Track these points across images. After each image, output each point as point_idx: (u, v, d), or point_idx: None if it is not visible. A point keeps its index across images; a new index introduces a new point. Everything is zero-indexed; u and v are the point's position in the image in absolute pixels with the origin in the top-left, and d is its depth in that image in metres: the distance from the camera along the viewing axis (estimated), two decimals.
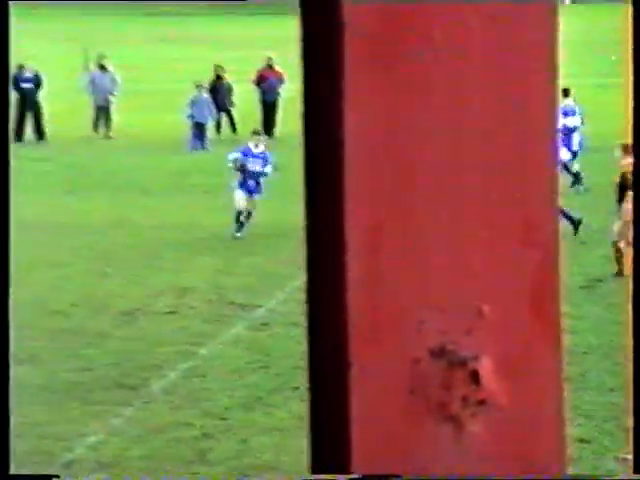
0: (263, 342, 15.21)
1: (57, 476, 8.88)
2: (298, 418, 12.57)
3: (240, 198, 20.50)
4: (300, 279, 13.18)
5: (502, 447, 1.35)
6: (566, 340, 1.31)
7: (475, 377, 1.37)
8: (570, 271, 17.82)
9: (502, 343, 1.37)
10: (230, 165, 20.63)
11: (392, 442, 1.36)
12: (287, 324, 15.31)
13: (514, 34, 1.34)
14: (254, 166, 20.60)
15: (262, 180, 20.75)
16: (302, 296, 1.44)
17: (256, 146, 21.05)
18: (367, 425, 1.36)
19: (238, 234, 20.15)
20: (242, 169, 20.54)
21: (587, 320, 16.74)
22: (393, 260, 1.34)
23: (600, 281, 18.74)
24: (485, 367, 1.36)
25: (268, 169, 20.87)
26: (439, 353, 1.37)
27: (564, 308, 1.36)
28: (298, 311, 11.92)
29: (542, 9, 1.32)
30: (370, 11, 1.31)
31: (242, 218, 20.13)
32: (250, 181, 20.42)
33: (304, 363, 1.41)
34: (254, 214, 20.53)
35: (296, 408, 12.93)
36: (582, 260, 18.59)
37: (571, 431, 14.01)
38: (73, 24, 48.56)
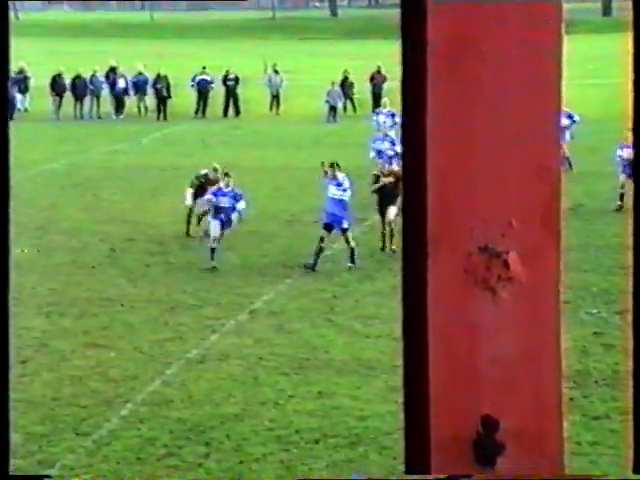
0: None
1: (49, 476, 10.07)
2: None
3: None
4: None
5: (519, 307, 2.18)
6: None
7: (506, 264, 2.20)
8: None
9: (523, 244, 2.19)
10: None
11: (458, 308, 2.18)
12: None
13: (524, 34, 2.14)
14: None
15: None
16: None
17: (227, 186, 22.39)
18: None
19: None
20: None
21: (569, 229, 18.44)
22: (458, 188, 2.17)
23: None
24: (512, 258, 2.19)
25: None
26: (484, 249, 2.20)
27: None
28: None
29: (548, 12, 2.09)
30: (446, 32, 2.12)
31: None
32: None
33: None
34: None
35: None
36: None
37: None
38: (259, 45, 73.21)
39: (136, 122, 45.23)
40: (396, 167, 22.74)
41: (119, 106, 46.27)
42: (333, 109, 43.95)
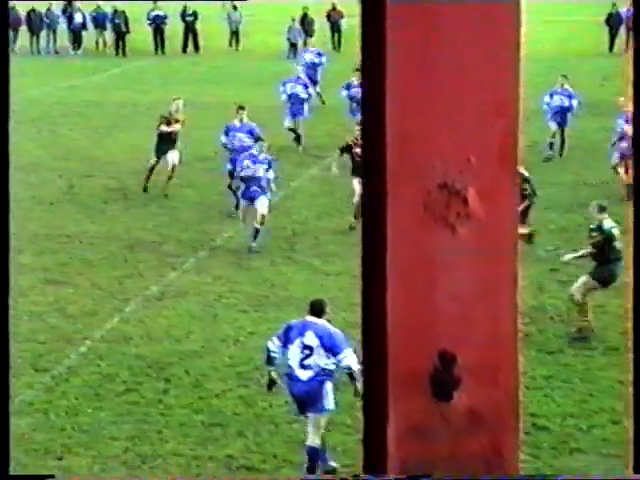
0: None
1: (50, 476, 9.68)
2: None
3: None
4: None
5: (477, 243, 2.21)
6: None
7: (465, 201, 2.22)
8: None
9: (481, 180, 2.21)
10: None
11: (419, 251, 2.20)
12: None
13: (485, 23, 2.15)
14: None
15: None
16: None
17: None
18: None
19: None
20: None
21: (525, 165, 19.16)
22: (417, 126, 2.18)
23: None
24: (471, 194, 2.22)
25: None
26: (443, 186, 2.21)
27: None
28: None
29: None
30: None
31: None
32: None
33: None
34: None
35: None
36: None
37: None
38: None
39: (94, 57, 44.92)
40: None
41: (76, 41, 45.93)
42: (294, 46, 43.86)
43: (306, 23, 44.81)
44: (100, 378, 14.26)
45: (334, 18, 45.35)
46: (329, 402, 11.48)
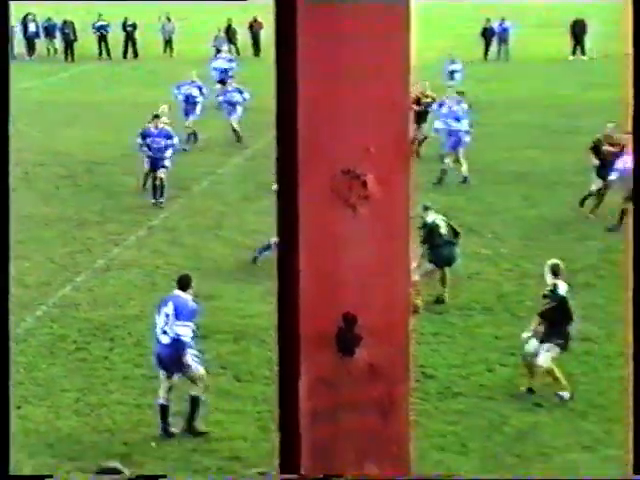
0: None
1: (50, 476, 9.01)
2: None
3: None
4: None
5: (376, 221, 2.20)
6: None
7: (364, 184, 2.20)
8: None
9: (379, 167, 2.20)
10: None
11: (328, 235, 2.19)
12: None
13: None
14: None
15: None
16: None
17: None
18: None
19: None
20: None
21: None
22: (325, 119, 2.16)
23: None
24: (370, 179, 2.20)
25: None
26: (346, 172, 2.20)
27: None
28: None
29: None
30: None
31: None
32: None
33: None
34: None
35: None
36: None
37: None
38: None
39: (46, 62, 44.34)
40: None
41: (31, 48, 45.40)
42: (219, 52, 43.93)
43: (230, 32, 44.81)
44: (53, 338, 14.11)
45: (255, 28, 45.41)
46: (188, 364, 11.37)
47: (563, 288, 12.76)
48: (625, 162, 18.41)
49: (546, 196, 22.19)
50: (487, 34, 45.20)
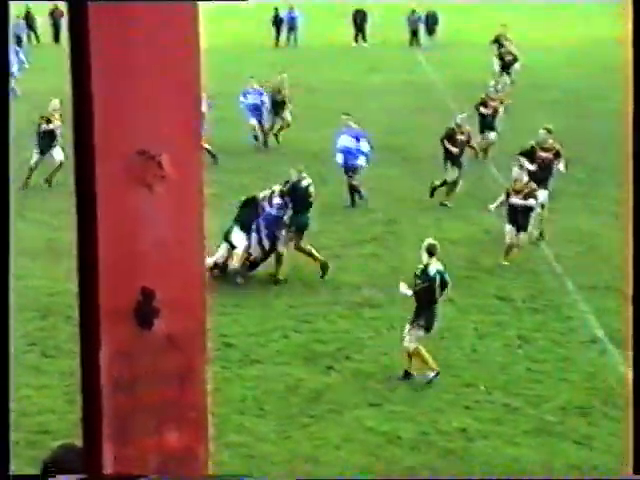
0: None
1: (54, 476, 8.64)
2: None
3: None
4: None
5: (171, 200, 2.17)
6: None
7: (160, 164, 2.17)
8: None
9: (173, 148, 2.17)
10: None
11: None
12: None
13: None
14: None
15: None
16: None
17: None
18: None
19: None
20: None
21: None
22: (120, 102, 2.11)
23: None
24: (165, 159, 2.17)
25: None
26: (142, 152, 2.16)
27: None
28: None
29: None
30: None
31: None
32: None
33: None
34: None
35: None
36: None
37: None
38: None
39: None
40: None
41: None
42: (19, 39, 42.55)
43: (29, 19, 43.60)
44: None
45: (56, 15, 44.18)
46: None
47: (434, 269, 12.09)
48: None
49: (335, 173, 22.56)
50: (277, 22, 45.57)
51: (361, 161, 19.67)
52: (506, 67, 32.60)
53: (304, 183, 15.96)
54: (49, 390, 11.62)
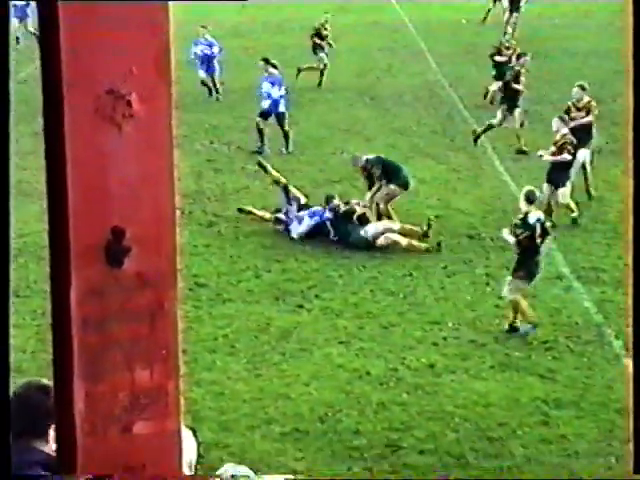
0: None
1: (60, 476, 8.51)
2: None
3: None
4: None
5: (140, 138, 2.16)
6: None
7: (128, 103, 2.15)
8: None
9: (142, 86, 2.16)
10: None
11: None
12: None
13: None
14: None
15: None
16: None
17: None
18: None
19: None
20: None
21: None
22: (87, 42, 2.08)
23: None
24: (134, 98, 2.15)
25: None
26: (110, 92, 2.14)
27: None
28: None
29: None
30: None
31: None
32: None
33: None
34: None
35: None
36: None
37: None
38: None
39: None
40: None
41: None
42: None
43: None
44: None
45: None
46: None
47: (534, 217, 11.56)
48: None
49: (305, 113, 22.47)
50: None
51: (282, 107, 19.48)
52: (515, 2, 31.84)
53: None
54: (21, 329, 11.60)
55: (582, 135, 16.48)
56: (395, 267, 13.74)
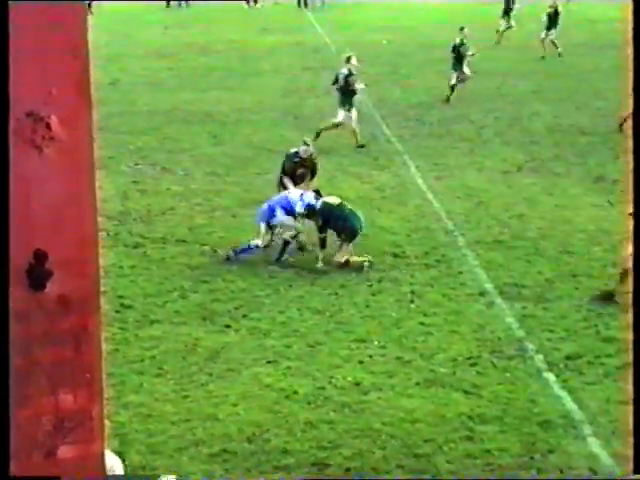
0: None
1: (58, 477, 8.27)
2: None
3: None
4: None
5: (62, 160, 2.14)
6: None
7: (48, 126, 2.13)
8: None
9: (62, 109, 2.14)
10: None
11: None
12: None
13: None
14: None
15: None
16: None
17: None
18: None
19: None
20: None
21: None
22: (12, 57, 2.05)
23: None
24: (54, 121, 2.13)
25: None
26: (29, 114, 2.12)
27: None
28: None
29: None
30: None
31: None
32: None
33: None
34: None
35: None
36: None
37: None
38: None
39: None
40: None
41: None
42: None
43: None
44: None
45: None
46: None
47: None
48: None
49: (230, 134, 22.45)
50: None
51: None
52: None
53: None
54: None
55: None
56: (321, 286, 13.77)
